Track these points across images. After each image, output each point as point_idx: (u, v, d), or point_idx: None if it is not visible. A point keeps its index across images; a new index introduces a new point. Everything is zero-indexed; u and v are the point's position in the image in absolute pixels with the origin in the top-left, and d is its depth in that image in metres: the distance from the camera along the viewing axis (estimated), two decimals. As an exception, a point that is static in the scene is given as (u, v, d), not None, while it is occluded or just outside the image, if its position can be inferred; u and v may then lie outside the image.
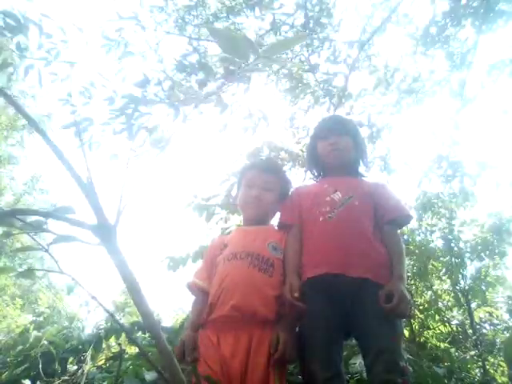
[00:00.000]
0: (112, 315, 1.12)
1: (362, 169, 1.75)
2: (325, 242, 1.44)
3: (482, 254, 4.06)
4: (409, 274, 3.64)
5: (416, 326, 3.44)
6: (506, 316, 3.97)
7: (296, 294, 1.31)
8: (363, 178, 1.73)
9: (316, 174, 1.80)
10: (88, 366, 2.67)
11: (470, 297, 3.81)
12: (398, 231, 1.63)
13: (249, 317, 1.33)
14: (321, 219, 1.49)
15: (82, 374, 2.60)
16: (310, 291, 1.36)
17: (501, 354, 3.20)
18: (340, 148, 1.62)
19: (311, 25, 3.68)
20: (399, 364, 1.23)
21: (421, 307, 3.57)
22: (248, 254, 1.46)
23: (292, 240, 1.52)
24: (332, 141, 1.62)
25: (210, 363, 1.26)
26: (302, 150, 3.46)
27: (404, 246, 1.56)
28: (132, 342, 2.55)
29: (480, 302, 3.96)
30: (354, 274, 1.35)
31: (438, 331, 3.52)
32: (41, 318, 3.89)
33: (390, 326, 1.31)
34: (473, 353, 3.39)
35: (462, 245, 4.18)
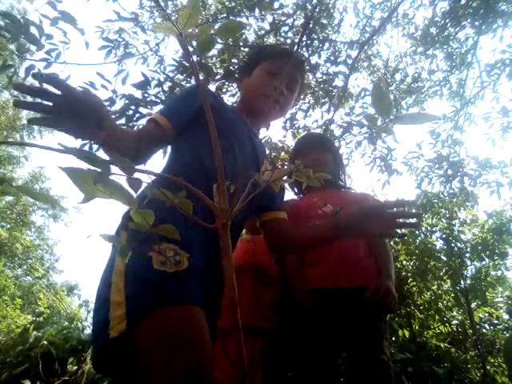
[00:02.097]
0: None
1: (344, 182, 1.79)
2: (320, 256, 1.47)
3: (482, 255, 4.06)
4: (409, 274, 3.65)
5: (416, 326, 3.44)
6: (506, 316, 3.97)
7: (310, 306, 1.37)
8: (348, 190, 1.77)
9: (297, 190, 1.83)
10: (88, 366, 2.67)
11: (469, 297, 3.81)
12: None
13: (252, 328, 1.35)
14: None
15: (82, 374, 2.60)
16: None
17: (501, 354, 3.21)
18: (322, 163, 1.66)
19: (311, 25, 3.67)
20: (380, 356, 1.26)
21: (421, 307, 3.57)
22: (253, 268, 1.48)
23: None
24: (314, 157, 1.66)
25: (224, 368, 1.28)
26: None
27: (389, 248, 1.60)
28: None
29: (480, 302, 3.96)
30: (350, 285, 1.40)
31: (438, 331, 3.52)
32: (40, 319, 3.89)
33: (373, 322, 1.36)
34: (473, 353, 3.39)
35: (461, 245, 4.18)
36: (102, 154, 0.50)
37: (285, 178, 0.59)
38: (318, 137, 1.93)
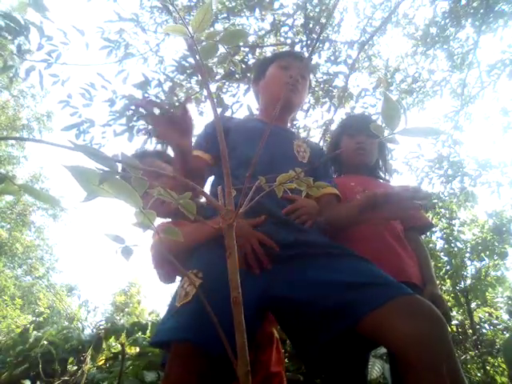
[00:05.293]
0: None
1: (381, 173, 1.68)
2: (367, 244, 1.29)
3: (482, 255, 4.07)
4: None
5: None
6: (506, 316, 3.97)
7: None
8: (387, 182, 1.66)
9: (334, 168, 1.69)
10: (88, 366, 2.67)
11: (469, 297, 3.81)
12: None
13: None
14: None
15: (82, 374, 2.60)
16: None
17: (501, 354, 3.21)
18: (366, 149, 1.54)
19: (311, 25, 3.68)
20: None
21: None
22: None
23: None
24: (360, 140, 1.54)
25: None
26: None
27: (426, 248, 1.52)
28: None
29: (480, 303, 3.96)
30: (404, 279, 1.23)
31: (438, 331, 3.51)
32: (40, 319, 3.88)
33: None
34: (473, 353, 3.39)
35: (461, 245, 4.19)
36: (108, 152, 0.50)
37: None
38: (371, 120, 1.76)
